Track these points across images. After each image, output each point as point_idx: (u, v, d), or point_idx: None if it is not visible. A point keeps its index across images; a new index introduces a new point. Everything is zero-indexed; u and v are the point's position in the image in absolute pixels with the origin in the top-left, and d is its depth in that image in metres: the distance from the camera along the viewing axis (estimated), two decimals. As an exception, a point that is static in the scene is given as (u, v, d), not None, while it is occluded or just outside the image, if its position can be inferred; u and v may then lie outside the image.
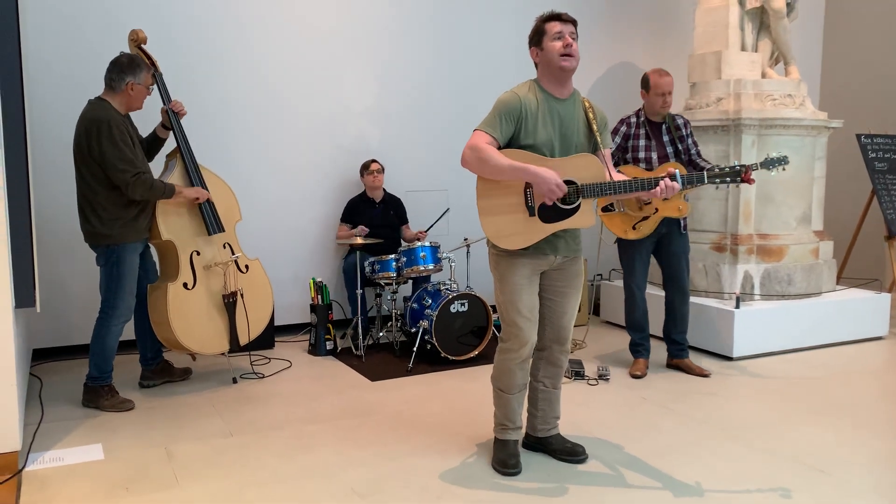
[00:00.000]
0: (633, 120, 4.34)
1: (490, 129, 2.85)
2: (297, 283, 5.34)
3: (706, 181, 2.94)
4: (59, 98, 4.53)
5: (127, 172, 3.66)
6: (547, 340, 3.10)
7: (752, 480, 2.95)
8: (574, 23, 2.90)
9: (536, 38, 2.92)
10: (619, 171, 3.21)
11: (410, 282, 5.18)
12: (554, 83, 2.91)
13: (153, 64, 4.01)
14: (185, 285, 4.01)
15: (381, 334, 5.07)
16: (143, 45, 4.03)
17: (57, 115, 4.48)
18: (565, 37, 2.84)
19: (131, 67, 3.78)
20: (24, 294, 3.11)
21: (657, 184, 2.87)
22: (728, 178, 2.93)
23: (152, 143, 4.13)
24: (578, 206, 2.89)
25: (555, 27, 2.86)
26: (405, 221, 5.50)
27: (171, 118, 4.04)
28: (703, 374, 4.36)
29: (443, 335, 4.53)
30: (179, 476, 2.99)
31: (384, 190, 5.39)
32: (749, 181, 2.94)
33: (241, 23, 5.10)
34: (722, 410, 3.78)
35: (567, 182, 2.85)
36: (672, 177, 2.87)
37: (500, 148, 2.85)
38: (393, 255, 4.84)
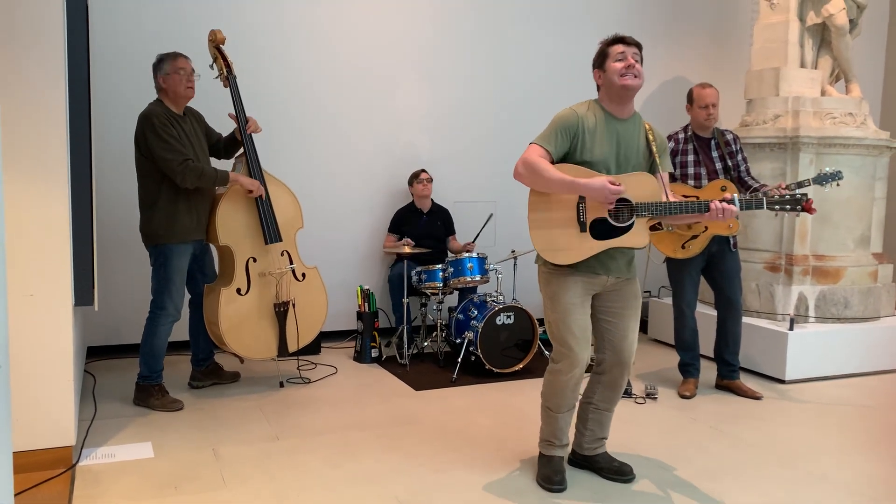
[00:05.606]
0: (681, 136, 4.29)
1: (545, 142, 2.84)
2: (345, 290, 5.36)
3: (765, 207, 2.82)
4: (120, 100, 4.63)
5: (174, 161, 3.72)
6: (608, 364, 3.02)
7: (807, 509, 2.86)
8: (638, 46, 2.87)
9: (599, 60, 2.90)
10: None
11: (456, 292, 5.17)
12: (615, 103, 2.88)
13: (228, 66, 4.10)
14: (238, 291, 4.07)
15: (425, 344, 5.06)
16: (220, 46, 4.11)
17: (116, 116, 4.58)
18: (627, 57, 2.81)
19: (155, 69, 3.88)
20: (82, 293, 3.20)
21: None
22: (788, 206, 2.81)
23: (231, 143, 4.22)
24: (632, 225, 2.85)
25: (618, 49, 2.84)
26: (452, 232, 5.50)
27: (242, 130, 4.10)
28: (755, 397, 4.25)
29: (488, 347, 4.51)
30: (227, 477, 3.03)
31: (432, 200, 5.41)
32: (810, 210, 2.83)
33: (294, 32, 5.18)
34: (775, 435, 3.68)
35: (622, 200, 2.82)
36: (730, 200, 2.77)
37: (553, 163, 2.84)
38: (440, 265, 4.84)
